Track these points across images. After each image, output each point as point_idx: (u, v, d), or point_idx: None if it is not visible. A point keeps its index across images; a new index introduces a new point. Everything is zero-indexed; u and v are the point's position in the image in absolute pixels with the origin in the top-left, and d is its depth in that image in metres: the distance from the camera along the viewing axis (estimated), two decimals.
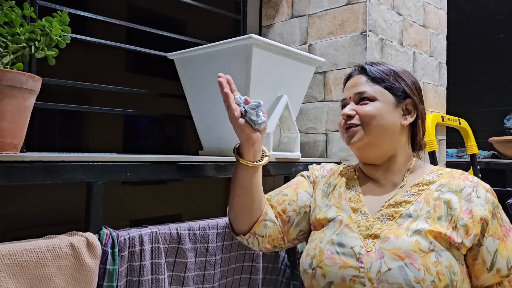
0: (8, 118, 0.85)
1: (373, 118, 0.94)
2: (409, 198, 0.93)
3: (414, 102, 0.98)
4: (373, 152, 0.98)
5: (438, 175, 0.96)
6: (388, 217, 0.91)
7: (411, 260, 0.82)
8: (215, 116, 1.42)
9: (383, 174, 0.99)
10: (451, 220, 0.87)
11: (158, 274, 1.04)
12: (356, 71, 1.03)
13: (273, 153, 1.35)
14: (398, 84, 0.98)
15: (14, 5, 0.91)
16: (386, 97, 0.96)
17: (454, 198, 0.90)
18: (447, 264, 0.82)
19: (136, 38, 1.65)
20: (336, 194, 1.02)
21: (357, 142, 0.96)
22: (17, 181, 0.83)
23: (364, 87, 0.97)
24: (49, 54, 0.94)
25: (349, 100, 1.00)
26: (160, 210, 1.75)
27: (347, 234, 0.91)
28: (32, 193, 1.35)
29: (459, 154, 3.20)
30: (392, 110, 0.96)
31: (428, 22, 1.99)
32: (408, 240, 0.84)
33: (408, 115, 0.98)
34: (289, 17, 1.88)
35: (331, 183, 1.07)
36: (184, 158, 1.13)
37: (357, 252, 0.87)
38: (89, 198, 0.96)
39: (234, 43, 1.28)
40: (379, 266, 0.83)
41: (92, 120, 1.64)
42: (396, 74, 0.99)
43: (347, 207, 0.97)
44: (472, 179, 0.94)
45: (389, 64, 1.02)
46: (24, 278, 0.81)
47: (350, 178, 1.05)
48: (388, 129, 0.95)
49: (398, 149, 0.98)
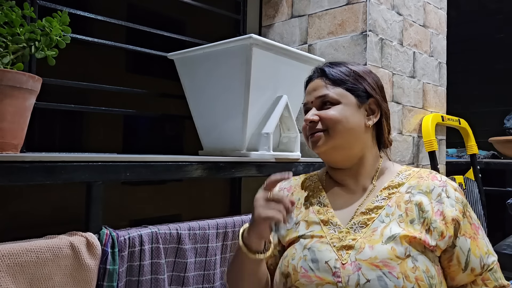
0: (8, 118, 0.85)
1: (338, 122, 0.92)
2: (380, 203, 0.91)
3: (377, 101, 0.96)
4: (339, 155, 0.95)
5: (406, 176, 0.95)
6: (360, 225, 0.88)
7: (389, 269, 0.80)
8: (215, 116, 1.42)
9: (352, 179, 0.97)
10: (424, 223, 0.86)
11: (158, 274, 1.04)
12: (315, 74, 0.99)
13: (273, 153, 1.35)
14: (360, 85, 0.95)
15: (14, 5, 0.91)
16: (348, 99, 0.93)
17: (425, 200, 0.89)
18: (424, 269, 0.82)
19: (136, 38, 1.65)
20: (303, 209, 0.98)
21: (321, 146, 0.93)
22: (17, 181, 0.83)
23: (325, 91, 0.94)
24: (49, 54, 0.94)
25: (311, 104, 0.97)
26: (160, 210, 1.75)
27: (319, 248, 0.87)
28: (32, 193, 1.35)
29: (459, 154, 3.20)
30: (355, 112, 0.93)
31: (428, 22, 1.99)
32: (384, 248, 0.83)
33: (372, 115, 0.96)
34: (289, 17, 1.88)
35: (295, 200, 1.00)
36: (184, 158, 1.13)
37: (332, 266, 0.84)
38: (89, 198, 0.96)
39: (234, 43, 1.28)
40: (357, 278, 0.81)
41: (92, 120, 1.64)
42: (356, 74, 0.96)
43: (317, 220, 0.93)
44: (440, 179, 0.93)
45: (349, 63, 0.99)
46: (24, 278, 0.81)
47: (315, 189, 1.01)
48: (354, 131, 0.93)
49: (365, 150, 0.96)
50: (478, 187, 2.32)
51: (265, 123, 1.37)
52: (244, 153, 1.35)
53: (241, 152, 1.35)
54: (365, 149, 0.96)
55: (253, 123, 1.36)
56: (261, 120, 1.38)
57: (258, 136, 1.37)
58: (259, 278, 0.94)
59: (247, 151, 1.35)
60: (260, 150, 1.35)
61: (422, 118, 1.91)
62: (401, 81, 1.80)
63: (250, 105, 1.31)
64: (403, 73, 1.81)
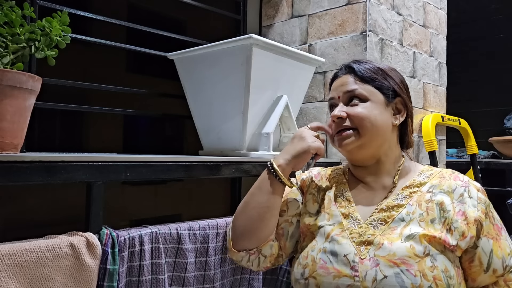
0: (8, 118, 0.85)
1: (367, 120, 0.91)
2: (401, 201, 0.90)
3: (404, 101, 0.96)
4: (364, 153, 0.94)
5: (428, 175, 0.95)
6: (380, 222, 0.88)
7: (407, 266, 0.80)
8: (215, 116, 1.42)
9: (373, 177, 0.97)
10: (445, 223, 0.86)
11: (158, 274, 1.04)
12: (343, 71, 0.99)
13: (273, 153, 1.35)
14: (387, 83, 0.94)
15: (14, 5, 0.91)
16: (377, 97, 0.93)
17: (447, 200, 0.88)
18: (443, 268, 0.81)
19: (136, 38, 1.65)
20: (326, 199, 0.99)
21: (349, 145, 0.92)
22: (17, 181, 0.83)
23: (354, 86, 0.93)
24: (49, 54, 0.94)
25: (338, 100, 0.96)
26: (160, 210, 1.75)
27: (339, 241, 0.88)
28: (32, 193, 1.35)
29: (459, 154, 3.20)
30: (383, 110, 0.93)
31: (428, 22, 1.99)
32: (403, 245, 0.83)
33: (398, 114, 0.96)
34: (289, 17, 1.88)
35: (321, 188, 1.02)
36: (184, 158, 1.13)
37: (351, 260, 0.84)
38: (89, 198, 0.96)
39: (234, 43, 1.28)
40: (375, 274, 0.81)
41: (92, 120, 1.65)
42: (384, 72, 0.96)
43: (338, 212, 0.94)
44: (463, 179, 0.92)
45: (375, 62, 0.99)
46: (24, 278, 0.81)
47: (339, 182, 1.01)
48: (381, 130, 0.92)
49: (388, 149, 0.96)
50: None
51: (265, 123, 1.37)
52: (244, 153, 1.35)
53: (241, 152, 1.35)
54: (389, 148, 0.96)
55: (253, 123, 1.36)
56: (261, 120, 1.38)
57: (258, 136, 1.37)
58: (275, 211, 0.97)
59: (247, 151, 1.35)
60: (260, 150, 1.35)
61: (422, 118, 1.91)
62: None
63: (250, 105, 1.31)
64: (403, 73, 1.81)
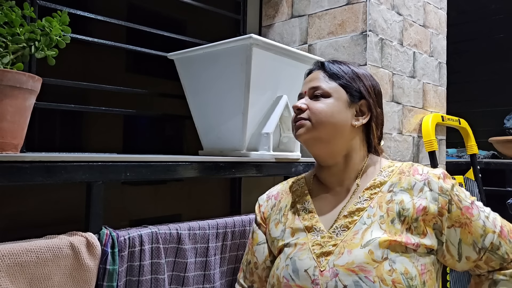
0: (8, 118, 0.85)
1: (323, 114, 0.92)
2: (362, 205, 0.90)
3: (368, 104, 0.96)
4: (321, 148, 0.95)
5: (389, 173, 0.94)
6: (343, 228, 0.88)
7: (365, 273, 0.80)
8: (215, 116, 1.42)
9: (336, 178, 0.96)
10: (404, 221, 0.85)
11: (158, 274, 1.04)
12: (315, 67, 1.02)
13: (273, 153, 1.35)
14: (355, 84, 0.95)
15: (14, 5, 0.91)
16: (340, 94, 0.94)
17: (406, 198, 0.87)
18: (403, 271, 0.80)
19: (136, 38, 1.65)
20: (290, 215, 0.98)
21: (303, 134, 0.94)
22: (17, 181, 0.83)
23: (320, 83, 0.96)
24: (49, 54, 0.94)
25: (304, 94, 0.98)
26: (160, 210, 1.75)
27: (300, 257, 0.88)
28: (32, 193, 1.35)
29: (459, 154, 3.20)
30: (344, 109, 0.93)
31: (428, 22, 1.99)
32: (361, 252, 0.82)
33: (361, 117, 0.95)
34: (289, 17, 1.88)
35: (282, 207, 1.02)
36: (184, 158, 1.13)
37: (311, 274, 0.84)
38: (89, 198, 0.96)
39: (234, 43, 1.28)
40: (335, 284, 0.81)
41: (92, 120, 1.65)
42: (354, 73, 0.97)
43: (301, 226, 0.93)
44: (422, 172, 0.91)
45: (352, 65, 1.00)
46: (24, 278, 0.81)
47: (301, 194, 1.00)
48: (337, 127, 0.92)
49: (351, 150, 0.95)
50: (478, 187, 2.32)
51: (265, 123, 1.37)
52: (244, 153, 1.35)
53: (241, 152, 1.35)
54: (351, 149, 0.95)
55: (253, 123, 1.36)
56: (261, 120, 1.38)
57: (258, 136, 1.37)
58: None
59: (247, 151, 1.35)
60: (260, 150, 1.35)
61: (422, 118, 1.91)
62: (401, 81, 1.80)
63: (250, 105, 1.31)
64: (403, 73, 1.81)
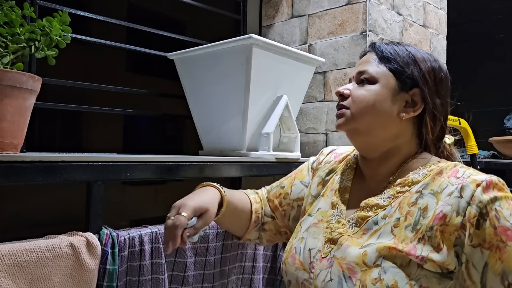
0: (8, 118, 0.85)
1: (364, 104, 0.81)
2: (383, 201, 0.79)
3: (422, 93, 0.81)
4: (360, 141, 0.85)
5: (427, 172, 0.79)
6: (356, 222, 0.80)
7: (351, 273, 0.74)
8: (215, 116, 1.42)
9: (373, 171, 0.86)
10: (419, 230, 0.72)
11: (158, 274, 1.04)
12: (369, 48, 0.89)
13: (273, 153, 1.35)
14: (407, 68, 0.81)
15: (14, 5, 0.91)
16: (388, 81, 0.81)
17: (432, 203, 0.73)
18: (391, 284, 0.69)
19: (136, 38, 1.65)
20: (330, 182, 0.93)
21: (342, 125, 0.84)
22: (17, 181, 0.83)
23: (367, 66, 0.83)
24: (49, 54, 0.94)
25: (353, 79, 0.87)
26: (160, 210, 1.75)
27: (312, 234, 0.85)
28: (32, 193, 1.35)
29: (459, 154, 3.19)
30: (389, 98, 0.80)
31: (428, 22, 1.99)
32: (356, 251, 0.75)
33: (411, 108, 0.81)
34: (289, 17, 1.88)
35: (333, 169, 0.95)
36: (184, 158, 1.13)
37: (313, 255, 0.82)
38: (89, 198, 0.96)
39: (234, 43, 1.28)
40: (325, 275, 0.77)
41: (92, 120, 1.64)
42: (410, 57, 0.82)
43: (329, 200, 0.88)
44: (461, 175, 0.74)
45: (412, 47, 0.85)
46: (24, 278, 0.81)
47: (349, 165, 0.93)
48: (380, 118, 0.80)
49: (396, 145, 0.83)
50: None
51: (265, 123, 1.37)
52: (244, 153, 1.35)
53: (241, 152, 1.35)
54: (396, 143, 0.83)
55: (253, 123, 1.36)
56: (261, 120, 1.38)
57: (258, 136, 1.37)
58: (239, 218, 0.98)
59: (247, 151, 1.35)
60: (260, 150, 1.35)
61: None
62: None
63: (250, 105, 1.31)
64: None
